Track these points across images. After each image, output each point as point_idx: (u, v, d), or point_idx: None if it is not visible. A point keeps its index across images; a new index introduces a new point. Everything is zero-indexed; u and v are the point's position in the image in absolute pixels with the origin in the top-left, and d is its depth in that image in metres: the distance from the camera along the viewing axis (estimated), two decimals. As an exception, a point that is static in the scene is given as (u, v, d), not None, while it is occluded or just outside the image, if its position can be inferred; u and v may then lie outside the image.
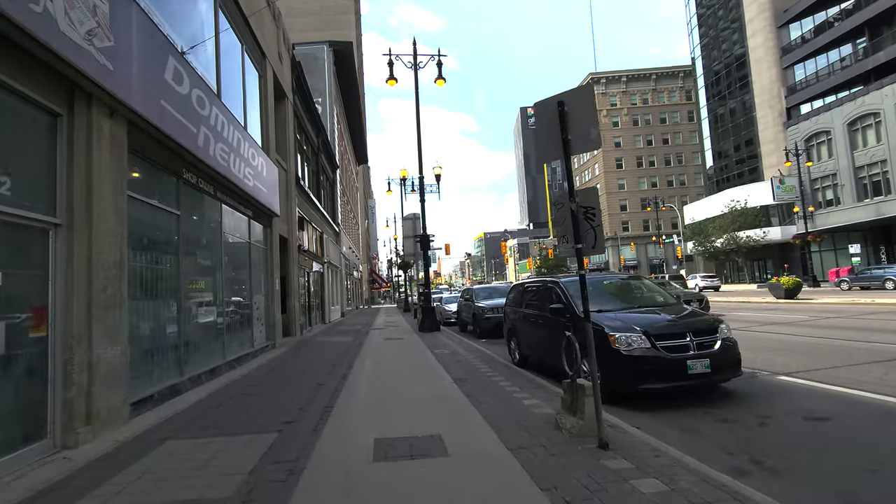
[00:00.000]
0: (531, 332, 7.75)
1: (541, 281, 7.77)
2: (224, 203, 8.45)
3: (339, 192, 30.35)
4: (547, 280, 7.49)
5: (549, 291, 7.10)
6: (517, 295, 8.75)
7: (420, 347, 10.99)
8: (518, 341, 8.39)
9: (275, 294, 11.67)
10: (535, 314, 7.53)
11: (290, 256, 14.17)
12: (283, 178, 13.68)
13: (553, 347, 6.88)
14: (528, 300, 8.13)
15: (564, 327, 6.39)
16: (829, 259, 36.93)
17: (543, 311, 7.25)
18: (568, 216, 3.87)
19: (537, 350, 7.62)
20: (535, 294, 7.87)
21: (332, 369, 8.15)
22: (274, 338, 11.44)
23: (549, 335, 6.97)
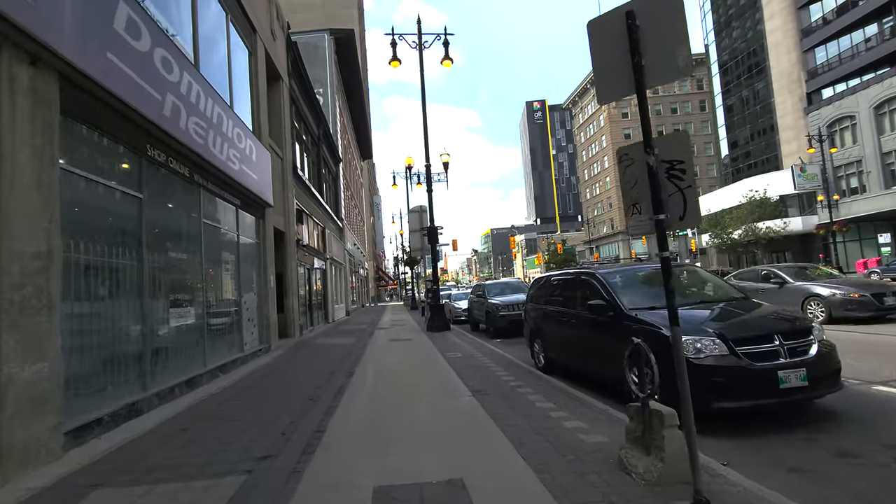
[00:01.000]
0: (560, 333, 6.60)
1: (571, 273, 6.60)
2: (203, 188, 7.36)
3: (343, 186, 29.30)
4: (580, 272, 6.32)
5: (585, 285, 5.94)
6: (541, 290, 7.59)
7: (429, 350, 9.88)
8: (543, 343, 7.25)
9: (269, 292, 10.61)
10: (566, 312, 6.37)
11: (288, 251, 13.11)
12: (277, 165, 12.60)
13: (591, 352, 5.74)
14: (555, 296, 6.98)
15: (605, 327, 5.25)
16: (854, 249, 35.33)
17: (576, 309, 6.10)
18: (642, 176, 2.71)
19: (568, 354, 6.47)
20: (564, 289, 6.72)
21: (328, 378, 7.05)
22: (268, 340, 10.38)
23: (586, 337, 5.83)
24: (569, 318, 6.25)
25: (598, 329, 5.44)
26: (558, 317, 6.63)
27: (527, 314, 8.16)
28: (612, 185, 70.20)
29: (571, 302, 6.26)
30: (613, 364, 5.04)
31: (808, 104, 38.12)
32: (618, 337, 5.06)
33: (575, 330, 6.09)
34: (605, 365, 5.43)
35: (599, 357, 5.52)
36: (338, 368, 7.92)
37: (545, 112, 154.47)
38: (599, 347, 5.48)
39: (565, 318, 6.38)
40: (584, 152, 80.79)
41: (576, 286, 6.21)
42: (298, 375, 7.43)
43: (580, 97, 78.73)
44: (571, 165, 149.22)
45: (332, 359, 9.10)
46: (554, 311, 6.83)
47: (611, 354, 5.14)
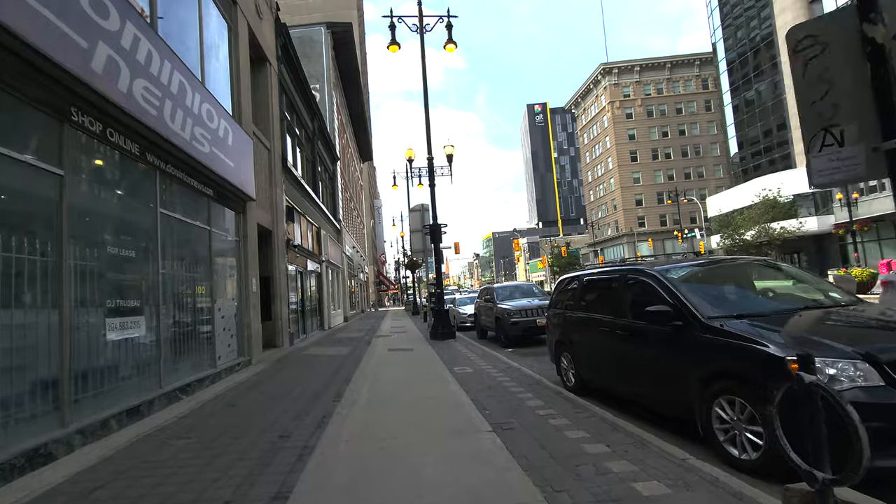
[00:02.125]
0: (598, 346, 5.29)
1: (613, 271, 5.27)
2: (161, 171, 6.09)
3: (341, 186, 28.06)
4: (627, 269, 4.99)
5: (635, 287, 4.63)
6: (569, 293, 6.28)
7: (434, 363, 8.56)
8: (574, 359, 5.94)
9: (251, 297, 9.31)
10: (606, 321, 5.05)
11: (276, 252, 11.82)
12: (263, 156, 11.34)
13: (644, 373, 4.41)
14: (590, 300, 5.67)
15: (670, 342, 3.94)
16: (873, 250, 33.96)
17: (622, 317, 4.79)
18: (849, 70, 1.41)
19: (609, 374, 5.16)
20: (603, 291, 5.41)
21: (312, 403, 5.74)
22: (249, 353, 9.07)
23: (637, 354, 4.52)
24: (611, 328, 4.93)
25: (658, 344, 4.14)
26: (595, 326, 5.31)
27: (550, 322, 6.84)
28: (617, 186, 69.00)
29: (615, 308, 4.95)
30: (680, 391, 3.75)
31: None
32: (690, 355, 3.76)
33: (620, 344, 4.78)
34: (667, 391, 4.12)
35: (659, 380, 4.22)
36: (325, 389, 6.61)
37: (546, 115, 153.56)
38: (659, 368, 4.18)
39: (605, 328, 5.06)
40: (587, 154, 79.63)
41: (621, 288, 4.90)
42: (276, 398, 6.11)
43: (582, 98, 77.66)
44: (573, 168, 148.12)
45: (320, 375, 7.78)
46: (588, 320, 5.52)
47: (677, 378, 3.85)
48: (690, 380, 3.75)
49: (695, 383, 3.69)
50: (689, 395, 3.78)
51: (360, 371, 7.97)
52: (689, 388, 3.77)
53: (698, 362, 3.69)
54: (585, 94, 76.26)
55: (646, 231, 66.25)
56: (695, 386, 3.69)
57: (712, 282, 4.38)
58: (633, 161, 68.46)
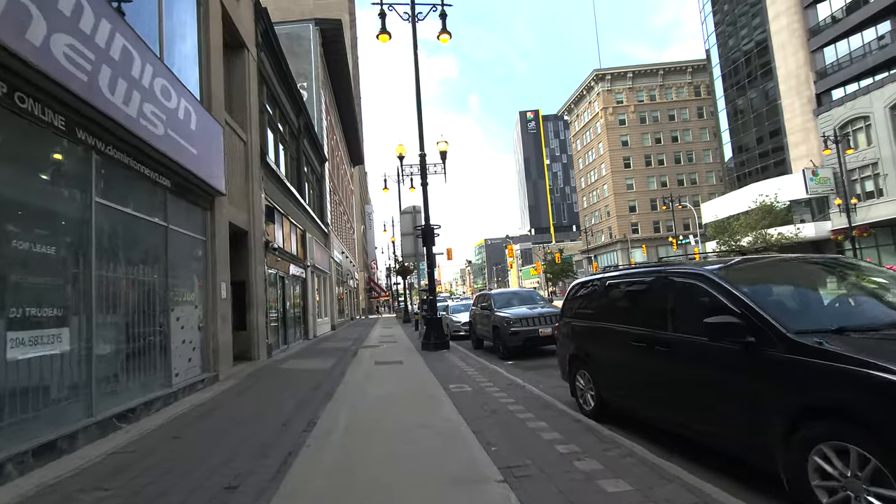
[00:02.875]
0: (629, 364, 4.32)
1: (650, 272, 4.27)
2: (98, 152, 5.05)
3: (329, 189, 27.03)
4: (666, 270, 4.01)
5: (685, 292, 3.66)
6: (587, 299, 5.32)
7: (426, 379, 7.54)
8: (594, 377, 4.97)
9: (220, 305, 8.24)
10: (644, 335, 4.07)
11: (252, 254, 10.76)
12: (239, 149, 10.32)
13: (698, 400, 3.45)
14: (615, 308, 4.71)
15: (736, 364, 2.99)
16: (871, 256, 33.52)
17: (663, 329, 3.83)
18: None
19: (646, 398, 4.19)
20: (634, 297, 4.44)
21: (278, 433, 4.70)
22: (215, 367, 7.99)
23: (688, 376, 3.55)
24: (647, 342, 3.96)
25: (719, 365, 3.18)
26: (622, 340, 4.34)
27: (562, 334, 5.87)
28: (610, 192, 68.61)
29: (651, 318, 3.98)
30: (752, 429, 2.81)
31: (818, 105, 36.61)
32: (768, 382, 2.82)
33: (659, 362, 3.81)
34: (730, 428, 3.16)
35: (717, 413, 3.25)
36: (297, 412, 5.56)
37: (539, 122, 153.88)
38: (719, 396, 3.21)
39: (639, 342, 4.09)
40: (580, 160, 79.30)
41: (661, 293, 3.93)
42: (236, 426, 5.06)
43: (575, 104, 77.46)
44: (566, 175, 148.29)
45: (295, 395, 6.73)
46: (613, 332, 4.55)
47: (747, 411, 2.90)
48: (770, 416, 2.79)
49: (778, 421, 2.74)
50: (765, 436, 2.83)
51: (342, 389, 6.93)
52: (766, 426, 2.82)
53: (783, 393, 2.74)
54: (578, 100, 76.05)
55: (639, 238, 65.82)
56: (777, 425, 2.74)
57: (788, 285, 3.44)
58: (627, 167, 68.14)
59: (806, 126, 38.00)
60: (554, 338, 10.49)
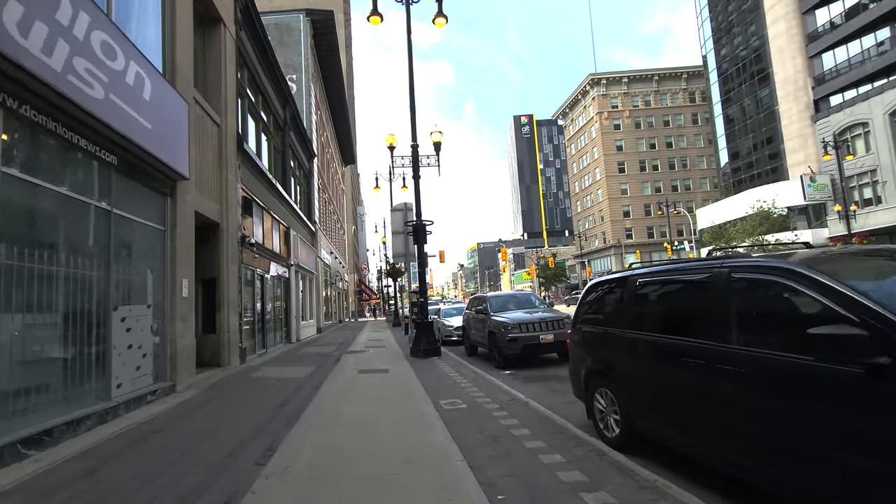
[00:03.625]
0: (674, 387, 3.38)
1: (702, 267, 3.31)
2: (6, 109, 4.05)
3: (318, 186, 25.99)
4: (731, 264, 3.05)
5: (759, 293, 2.75)
6: (611, 303, 4.39)
7: (414, 393, 6.56)
8: (620, 397, 4.04)
9: (179, 304, 7.21)
10: (693, 347, 3.14)
11: (224, 249, 9.74)
12: (211, 132, 9.32)
13: (789, 441, 2.50)
14: (651, 313, 3.79)
15: (855, 392, 2.04)
16: (869, 265, 33.09)
17: (723, 342, 2.89)
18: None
19: (694, 428, 3.24)
20: (682, 299, 3.53)
21: (221, 468, 3.71)
22: (173, 376, 6.95)
23: (773, 406, 2.60)
24: (705, 359, 3.01)
25: (824, 394, 2.25)
26: (667, 355, 3.41)
27: (576, 344, 4.94)
28: (605, 197, 68.16)
29: (711, 327, 3.04)
30: (875, 486, 1.82)
31: (816, 111, 36.27)
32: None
33: (727, 387, 2.86)
34: (842, 482, 2.22)
35: (814, 457, 2.32)
36: (255, 436, 4.56)
37: (533, 126, 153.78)
38: (821, 437, 2.28)
39: (695, 358, 3.13)
40: (574, 164, 78.87)
41: (725, 295, 2.97)
42: (172, 457, 4.05)
43: (570, 108, 77.09)
44: (559, 180, 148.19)
45: (259, 411, 5.72)
46: (651, 344, 3.62)
47: (866, 461, 1.93)
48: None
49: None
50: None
51: (315, 405, 5.93)
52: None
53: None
54: (573, 104, 75.68)
55: (633, 243, 65.33)
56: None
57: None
58: (621, 172, 67.73)
59: (803, 132, 37.65)
60: (556, 345, 9.61)
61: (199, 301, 9.75)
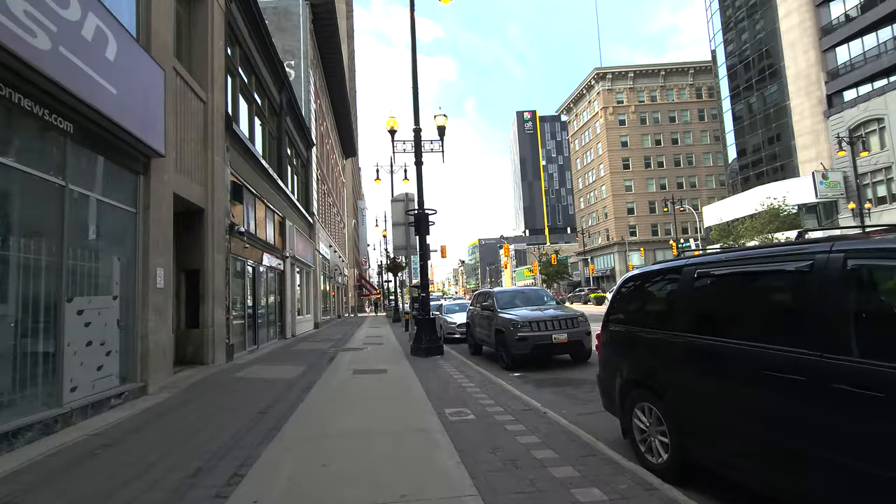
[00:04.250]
0: (757, 410, 2.58)
1: (800, 253, 2.45)
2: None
3: (317, 178, 25.20)
4: (847, 248, 2.26)
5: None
6: (660, 298, 3.61)
7: (415, 399, 5.79)
8: (670, 416, 3.27)
9: (152, 296, 6.44)
10: (793, 361, 2.35)
11: (210, 237, 8.96)
12: (195, 108, 8.52)
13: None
14: (721, 312, 3.00)
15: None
16: (881, 265, 32.24)
17: (843, 355, 2.10)
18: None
19: (808, 476, 2.44)
20: (765, 294, 2.73)
21: (178, 498, 2.94)
22: (144, 376, 6.19)
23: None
24: (812, 374, 2.23)
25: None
26: (745, 367, 2.63)
27: (609, 348, 4.15)
28: (608, 194, 67.24)
29: (816, 332, 2.25)
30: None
31: (829, 107, 35.35)
32: None
33: (853, 415, 2.07)
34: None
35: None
36: (223, 455, 3.79)
37: (535, 122, 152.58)
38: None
39: (795, 373, 2.35)
40: (577, 160, 77.91)
41: (840, 291, 2.18)
42: (117, 485, 3.28)
43: (575, 103, 76.06)
44: (561, 177, 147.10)
45: (235, 420, 4.95)
46: (719, 351, 2.84)
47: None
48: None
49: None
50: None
51: (302, 413, 5.17)
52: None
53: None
54: (578, 98, 74.62)
55: (637, 240, 64.48)
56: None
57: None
58: (626, 168, 66.80)
59: (815, 128, 36.73)
60: (570, 346, 8.84)
61: (181, 293, 9.00)
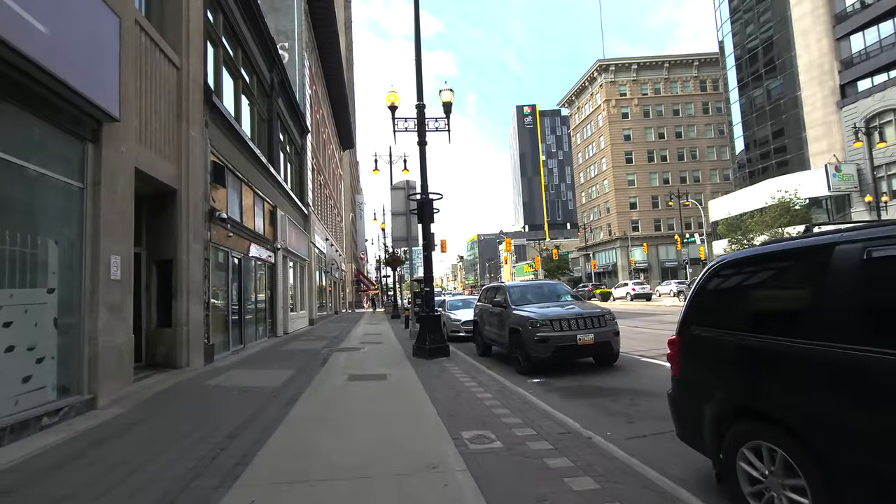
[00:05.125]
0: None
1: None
2: None
3: (312, 167, 24.03)
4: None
5: None
6: (797, 291, 2.50)
7: (423, 419, 4.69)
8: (806, 463, 2.15)
9: (103, 289, 5.33)
10: None
11: (183, 223, 7.83)
12: (164, 73, 7.37)
13: None
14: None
15: None
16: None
17: None
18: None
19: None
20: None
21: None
22: (92, 388, 5.09)
23: None
24: None
25: None
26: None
27: (690, 358, 3.05)
28: (611, 188, 66.12)
29: None
30: None
31: (843, 97, 34.23)
32: None
33: None
34: None
35: None
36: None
37: (535, 117, 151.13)
38: None
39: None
40: (579, 154, 76.72)
41: None
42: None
43: (577, 96, 74.77)
44: (561, 172, 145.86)
45: (194, 447, 3.85)
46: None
47: None
48: None
49: None
50: None
51: (278, 440, 4.07)
52: None
53: None
54: (580, 91, 73.33)
55: (640, 235, 63.42)
56: None
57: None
58: (628, 162, 65.63)
59: (828, 119, 35.62)
60: (596, 348, 7.73)
61: (152, 287, 7.89)
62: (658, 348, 9.66)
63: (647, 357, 8.73)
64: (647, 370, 7.59)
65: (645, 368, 7.74)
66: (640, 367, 7.84)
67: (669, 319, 16.70)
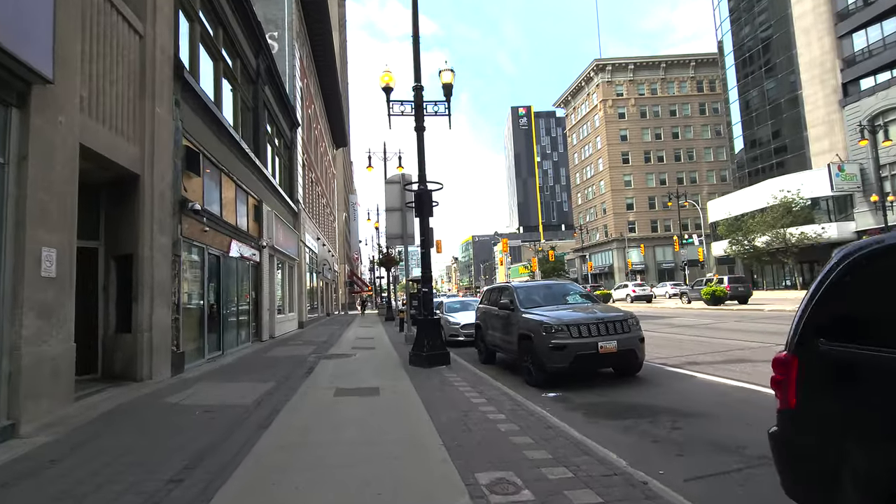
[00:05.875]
0: None
1: None
2: None
3: (303, 162, 23.01)
4: None
5: None
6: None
7: (423, 447, 3.71)
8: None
9: (28, 290, 4.33)
10: None
11: (146, 213, 6.82)
12: (125, 40, 6.37)
13: None
14: None
15: None
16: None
17: None
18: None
19: None
20: None
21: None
22: (13, 412, 4.09)
23: None
24: None
25: None
26: None
27: (815, 388, 2.12)
28: (607, 189, 65.52)
29: None
30: None
31: (845, 96, 33.73)
32: None
33: None
34: None
35: None
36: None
37: (530, 118, 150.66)
38: None
39: None
40: (575, 155, 76.13)
41: None
42: None
43: (573, 96, 74.19)
44: (556, 173, 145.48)
45: (124, 497, 2.88)
46: None
47: None
48: None
49: None
50: None
51: (236, 485, 3.09)
52: None
53: None
54: (576, 91, 72.74)
55: (636, 237, 62.84)
56: None
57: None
58: (625, 163, 65.07)
59: (829, 118, 35.12)
60: (619, 357, 6.79)
61: (110, 286, 6.87)
62: (681, 355, 8.77)
63: (671, 366, 7.83)
64: (676, 382, 6.68)
65: (672, 380, 6.83)
66: (666, 379, 6.92)
67: (679, 322, 15.83)
